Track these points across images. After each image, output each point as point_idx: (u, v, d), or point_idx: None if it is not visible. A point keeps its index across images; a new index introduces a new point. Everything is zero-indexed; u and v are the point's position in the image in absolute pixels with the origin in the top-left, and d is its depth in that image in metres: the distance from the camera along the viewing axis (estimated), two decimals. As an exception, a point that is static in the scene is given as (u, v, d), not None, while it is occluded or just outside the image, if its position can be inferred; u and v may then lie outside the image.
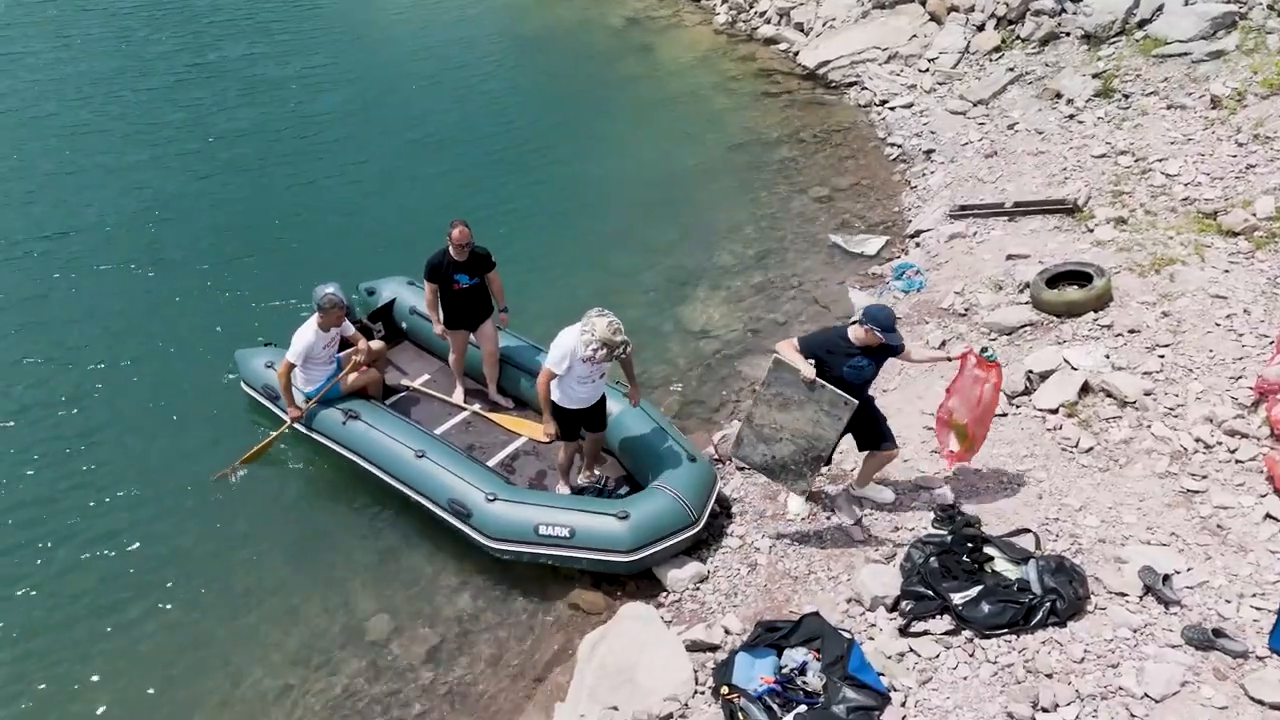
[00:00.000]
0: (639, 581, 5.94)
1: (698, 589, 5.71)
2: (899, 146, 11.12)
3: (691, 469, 6.04)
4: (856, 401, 5.26)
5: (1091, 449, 5.82)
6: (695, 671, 4.95)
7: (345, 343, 6.78)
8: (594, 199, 10.75)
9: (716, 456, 6.74)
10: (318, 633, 5.86)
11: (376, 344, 7.07)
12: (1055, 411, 6.16)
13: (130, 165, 11.11)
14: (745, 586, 5.61)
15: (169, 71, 13.60)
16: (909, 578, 5.15)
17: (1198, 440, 5.63)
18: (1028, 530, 5.29)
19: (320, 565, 6.24)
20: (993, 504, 5.63)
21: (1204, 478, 5.40)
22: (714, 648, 5.15)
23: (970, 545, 5.19)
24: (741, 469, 6.47)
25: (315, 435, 6.67)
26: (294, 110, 12.68)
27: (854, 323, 5.42)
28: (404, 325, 7.70)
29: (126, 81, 13.27)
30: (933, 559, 5.19)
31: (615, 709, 4.81)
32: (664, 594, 5.78)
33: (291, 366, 6.46)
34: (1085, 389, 6.23)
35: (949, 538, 5.30)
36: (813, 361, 5.27)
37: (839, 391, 5.23)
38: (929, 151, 10.73)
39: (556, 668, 5.46)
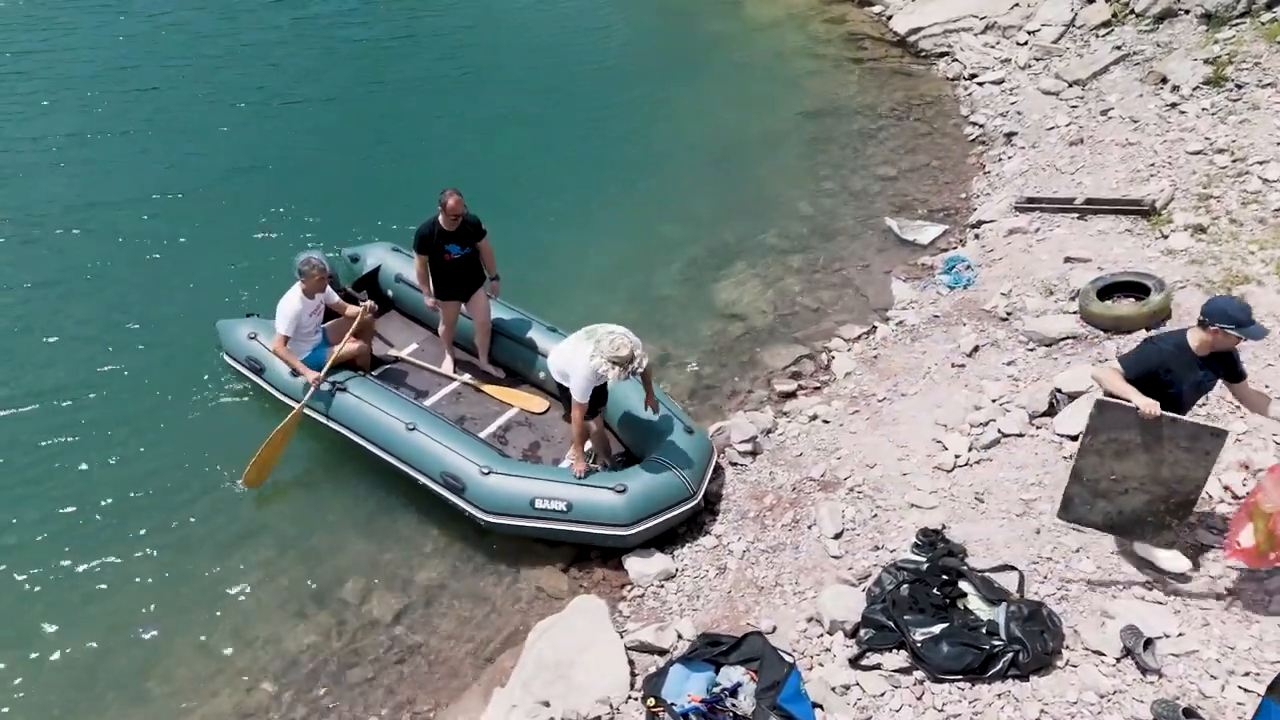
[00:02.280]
0: (607, 570, 5.81)
1: (662, 586, 5.54)
2: (980, 126, 10.37)
3: (689, 441, 5.93)
4: (1227, 431, 4.31)
5: (1106, 484, 5.30)
6: (634, 675, 4.80)
7: (330, 313, 6.60)
8: (650, 161, 10.44)
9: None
10: (296, 585, 5.94)
11: (368, 303, 6.75)
12: (1075, 439, 5.63)
13: (107, 128, 10.62)
14: (709, 590, 5.41)
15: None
16: (873, 604, 4.83)
17: (1226, 488, 5.07)
18: (1013, 568, 4.88)
19: (307, 522, 6.28)
20: (984, 533, 5.22)
21: (1224, 533, 4.84)
22: (662, 652, 4.99)
23: (945, 577, 4.83)
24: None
25: (309, 411, 6.46)
26: (333, 55, 12.69)
27: (1195, 325, 4.38)
28: (390, 293, 7.53)
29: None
30: (904, 587, 4.86)
31: (546, 704, 4.71)
32: (628, 587, 5.64)
33: (285, 340, 6.22)
34: (1114, 416, 5.68)
35: (925, 565, 4.95)
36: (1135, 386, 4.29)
37: (1200, 422, 4.30)
38: (1010, 134, 9.96)
39: (508, 650, 5.40)
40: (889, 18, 13.01)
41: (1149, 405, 4.20)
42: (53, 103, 10.95)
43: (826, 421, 6.54)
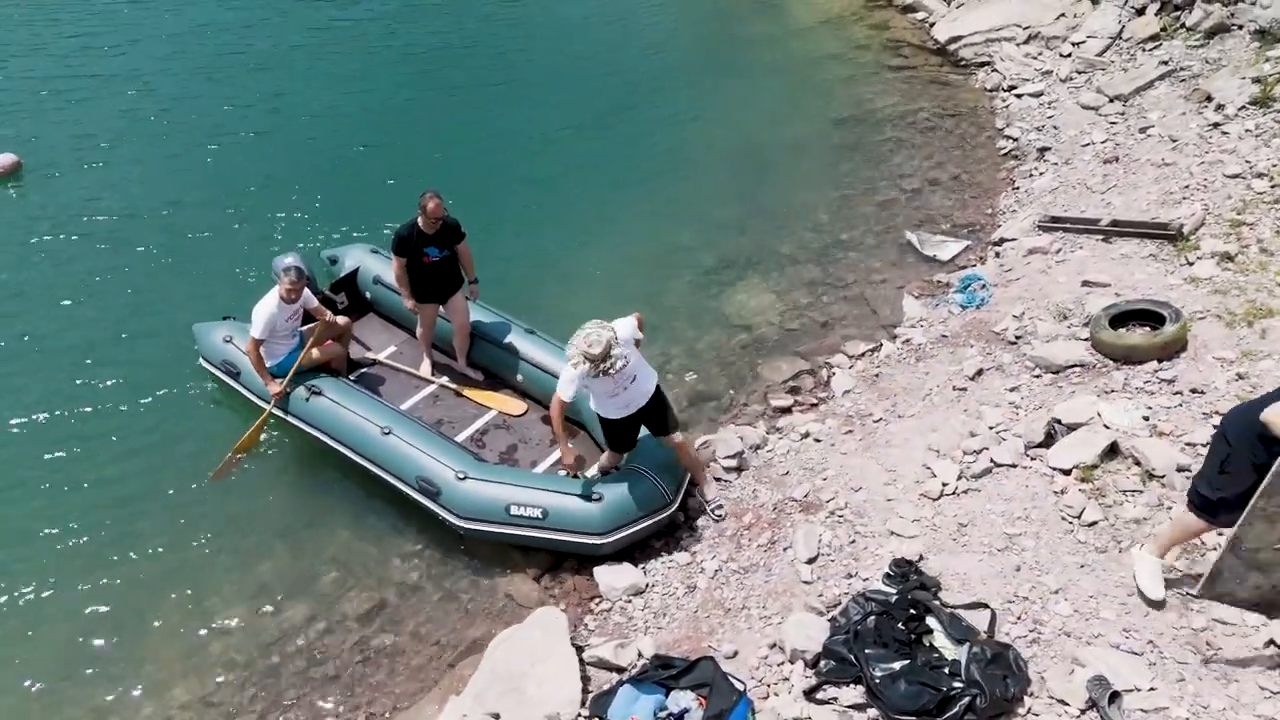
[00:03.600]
0: (579, 581, 5.74)
1: (629, 601, 5.44)
2: (1014, 140, 10.05)
3: (661, 448, 5.81)
4: None
5: (1095, 524, 5.07)
6: (587, 692, 4.73)
7: (308, 317, 6.55)
8: (673, 163, 10.34)
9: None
10: (275, 576, 5.99)
11: (342, 319, 6.76)
12: (1068, 473, 5.40)
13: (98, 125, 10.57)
14: (676, 609, 5.30)
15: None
16: (836, 634, 4.69)
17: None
18: (985, 606, 4.69)
19: (292, 515, 6.31)
20: (962, 566, 5.02)
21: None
22: (620, 669, 4.90)
23: (912, 612, 4.66)
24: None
25: (278, 413, 6.48)
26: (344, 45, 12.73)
27: None
28: (368, 295, 7.47)
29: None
30: (870, 618, 4.70)
31: (496, 716, 4.66)
32: (597, 599, 5.56)
33: (258, 343, 6.19)
34: (1112, 451, 5.43)
35: (894, 598, 4.78)
36: None
37: None
38: (1044, 149, 9.63)
39: (470, 657, 5.36)
40: (931, 25, 12.69)
41: None
42: (41, 105, 10.91)
43: (818, 440, 6.37)
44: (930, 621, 4.62)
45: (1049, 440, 5.71)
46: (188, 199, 9.41)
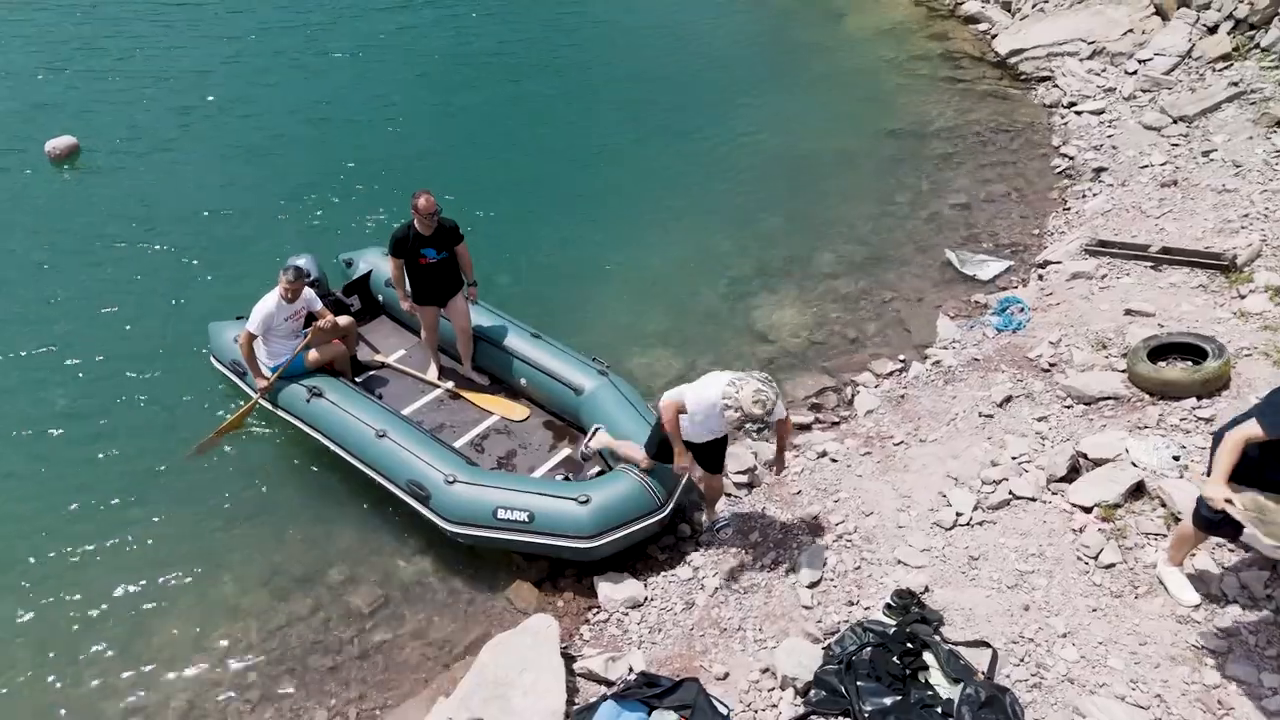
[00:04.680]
0: (578, 589, 5.69)
1: (626, 614, 5.38)
2: (1069, 158, 9.72)
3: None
4: None
5: (1112, 566, 4.84)
6: (572, 704, 4.68)
7: (313, 318, 6.56)
8: (718, 169, 10.27)
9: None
10: (286, 565, 6.05)
11: (344, 319, 6.76)
12: (1089, 510, 5.18)
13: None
14: (672, 625, 5.21)
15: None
16: (828, 663, 4.56)
17: (1244, 588, 4.55)
18: (987, 644, 4.52)
19: (307, 506, 6.38)
20: (969, 601, 4.84)
21: (1231, 635, 4.35)
22: (609, 683, 4.84)
23: (909, 645, 4.51)
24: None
25: (279, 412, 6.51)
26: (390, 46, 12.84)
27: None
28: (381, 298, 7.47)
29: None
30: (866, 649, 4.57)
31: (479, 721, 4.64)
32: (595, 610, 5.50)
33: (252, 337, 6.21)
34: (1137, 491, 5.19)
35: (892, 629, 4.63)
36: None
37: None
38: (1100, 169, 9.29)
39: (465, 658, 5.35)
40: (992, 36, 12.38)
41: None
42: (104, 97, 11.18)
43: (834, 460, 6.22)
44: (927, 657, 4.46)
45: (1072, 475, 5.49)
46: (232, 194, 9.60)
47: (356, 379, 6.84)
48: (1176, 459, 5.27)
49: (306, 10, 13.44)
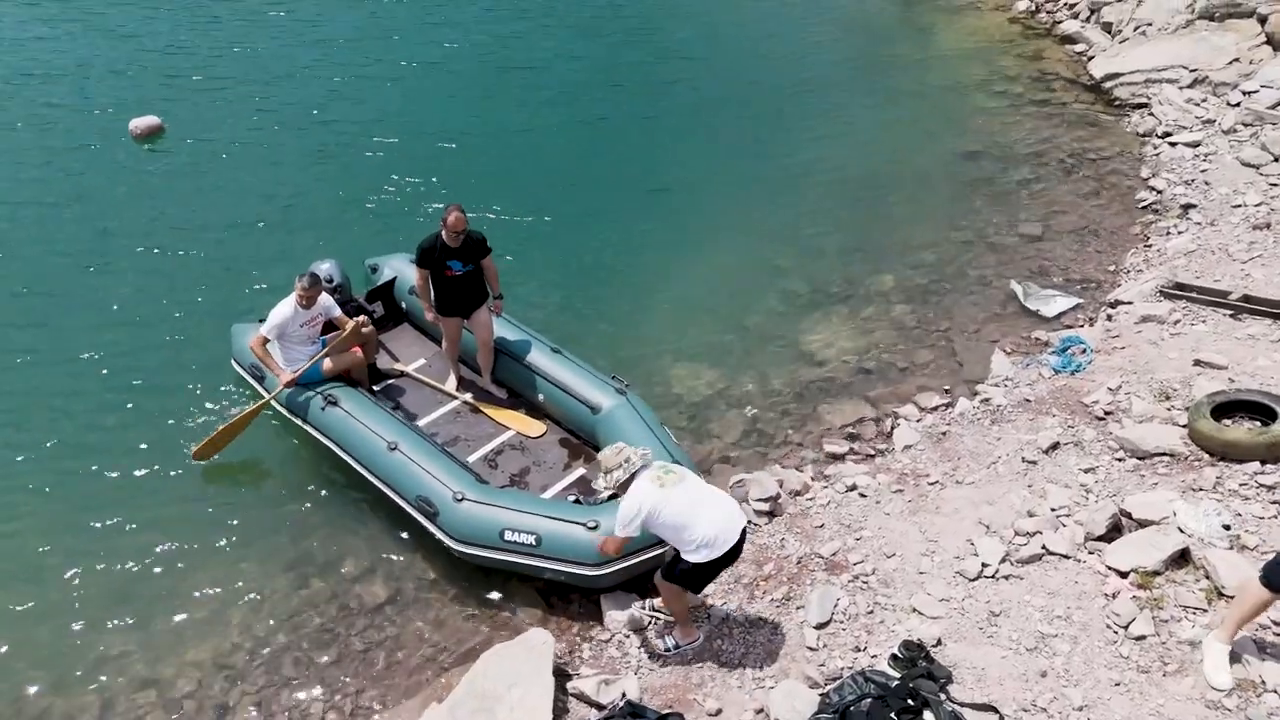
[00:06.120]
0: (586, 606, 5.60)
1: (628, 637, 5.26)
2: (1157, 192, 9.19)
3: None
4: None
5: (1144, 639, 4.52)
6: (558, 725, 4.60)
7: (331, 326, 6.50)
8: (785, 181, 10.10)
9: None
10: (311, 550, 6.10)
11: (366, 327, 6.69)
12: (1125, 575, 4.85)
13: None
14: (672, 654, 5.08)
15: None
16: (822, 711, 4.37)
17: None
18: (994, 710, 4.26)
19: (332, 497, 6.42)
20: (983, 660, 4.59)
21: (1265, 729, 4.00)
22: (599, 707, 4.74)
23: (910, 702, 4.29)
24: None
25: (295, 420, 6.45)
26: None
27: None
28: (404, 305, 7.38)
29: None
30: (865, 700, 4.37)
31: (463, 734, 4.59)
32: (598, 629, 5.41)
33: (264, 341, 6.18)
34: (1181, 559, 4.84)
35: (895, 683, 4.42)
36: None
37: None
38: (1188, 206, 8.75)
39: (462, 666, 5.29)
40: (1088, 58, 11.83)
41: None
42: (194, 88, 11.48)
43: (863, 495, 5.99)
44: (927, 716, 4.24)
45: (1113, 534, 5.16)
46: (299, 193, 9.74)
47: (374, 387, 6.80)
48: (1228, 528, 4.89)
49: (391, 22, 13.62)
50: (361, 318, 6.62)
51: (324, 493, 6.47)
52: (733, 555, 4.63)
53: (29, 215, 9.28)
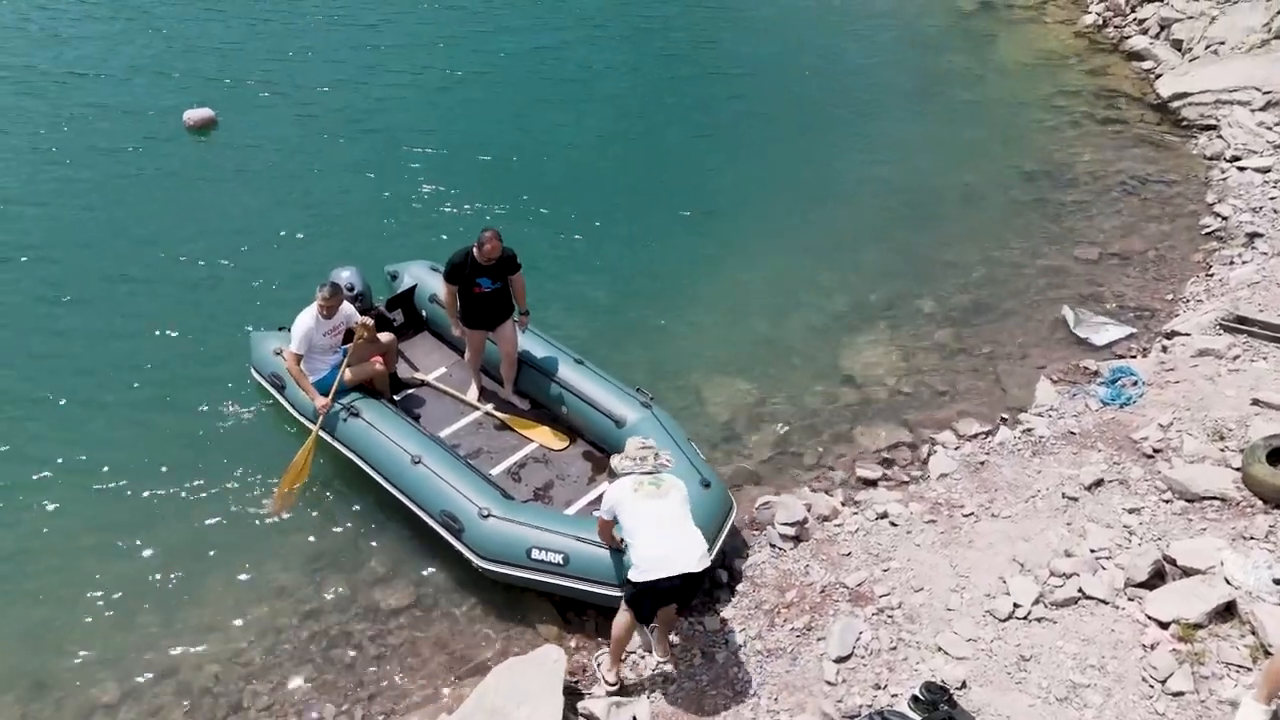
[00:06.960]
0: (601, 623, 5.50)
1: (643, 658, 5.16)
2: (1223, 219, 8.83)
3: (702, 497, 5.37)
4: None
5: (1181, 695, 4.29)
6: (565, 746, 4.52)
7: (352, 334, 6.37)
8: (832, 195, 9.88)
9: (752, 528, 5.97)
10: (330, 551, 6.10)
11: (386, 336, 6.60)
12: (1166, 626, 4.61)
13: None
14: (686, 678, 4.97)
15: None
16: (837, 752, 4.23)
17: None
18: (1018, 762, 4.08)
19: (359, 498, 6.36)
20: (1009, 707, 4.40)
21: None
22: (608, 728, 4.65)
23: (928, 748, 4.13)
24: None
25: (325, 436, 6.27)
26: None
27: None
28: (424, 313, 7.30)
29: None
30: (881, 743, 4.21)
31: (469, 750, 4.54)
32: (615, 648, 5.31)
33: (298, 358, 6.07)
34: (1226, 612, 4.59)
35: (913, 727, 4.25)
36: None
37: None
38: (1255, 235, 8.39)
39: (477, 676, 5.24)
40: (1156, 76, 11.42)
41: None
42: (250, 85, 11.45)
43: (894, 524, 5.81)
44: (946, 765, 4.07)
45: (1155, 581, 4.92)
46: (330, 198, 9.55)
47: (395, 397, 6.73)
48: (1278, 582, 4.62)
49: (444, 29, 13.40)
50: (367, 318, 6.45)
51: (347, 494, 6.45)
52: (677, 592, 4.63)
53: (92, 201, 9.34)
